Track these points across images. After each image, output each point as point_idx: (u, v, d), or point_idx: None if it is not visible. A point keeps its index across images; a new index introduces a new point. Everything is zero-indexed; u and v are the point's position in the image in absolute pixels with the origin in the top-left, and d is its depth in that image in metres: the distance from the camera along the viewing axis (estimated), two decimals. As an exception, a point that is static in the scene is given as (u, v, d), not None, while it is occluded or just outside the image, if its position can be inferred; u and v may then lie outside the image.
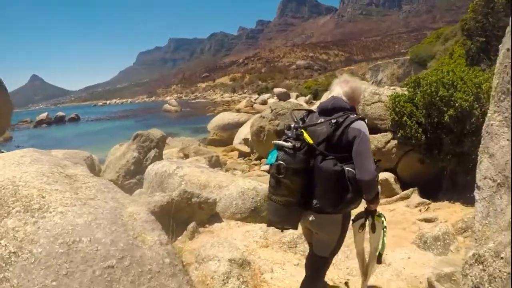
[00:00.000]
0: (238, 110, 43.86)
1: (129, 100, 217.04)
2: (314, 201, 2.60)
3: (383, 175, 9.49)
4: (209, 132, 27.02)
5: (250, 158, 19.39)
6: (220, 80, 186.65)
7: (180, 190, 5.58)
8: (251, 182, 7.10)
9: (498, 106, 2.26)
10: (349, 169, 2.51)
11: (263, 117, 17.17)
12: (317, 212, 2.63)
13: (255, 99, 63.27)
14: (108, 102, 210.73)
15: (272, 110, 16.96)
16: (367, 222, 2.97)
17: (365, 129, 2.59)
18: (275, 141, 2.65)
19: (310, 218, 2.67)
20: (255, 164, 17.73)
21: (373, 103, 10.27)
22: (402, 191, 9.19)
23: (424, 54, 39.26)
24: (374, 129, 9.88)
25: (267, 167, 15.16)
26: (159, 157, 12.33)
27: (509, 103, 2.13)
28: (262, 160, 17.02)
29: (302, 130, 2.66)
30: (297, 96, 51.33)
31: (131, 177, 11.71)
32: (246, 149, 20.37)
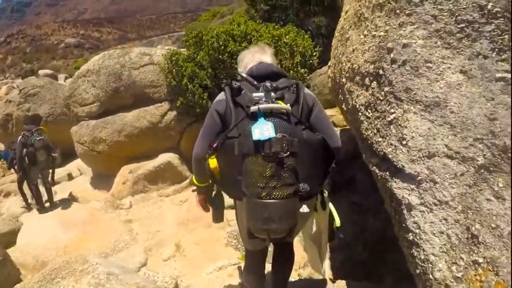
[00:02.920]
0: (-1, 99, 35.91)
1: None
2: (301, 185, 1.96)
3: (164, 157, 7.73)
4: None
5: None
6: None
7: None
8: None
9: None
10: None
11: (10, 101, 13.48)
12: (305, 199, 2.02)
13: (17, 85, 53.98)
14: None
15: (20, 91, 13.23)
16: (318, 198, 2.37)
17: None
18: (264, 105, 1.99)
19: (304, 209, 2.04)
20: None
21: (141, 66, 8.12)
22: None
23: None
24: (145, 100, 8.00)
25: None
26: None
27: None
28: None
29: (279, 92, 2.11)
30: (65, 78, 45.26)
31: None
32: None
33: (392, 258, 3.27)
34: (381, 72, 2.17)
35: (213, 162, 2.07)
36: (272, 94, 2.04)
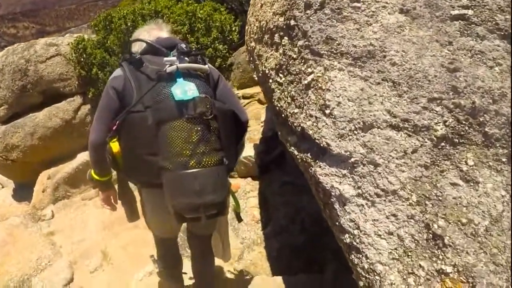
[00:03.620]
0: None
1: None
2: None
3: (83, 157, 6.92)
4: None
5: None
6: None
7: None
8: None
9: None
10: None
11: None
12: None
13: None
14: None
15: None
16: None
17: None
18: (183, 64, 1.83)
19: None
20: None
21: (48, 58, 7.23)
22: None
23: (121, 14, 39.09)
24: (55, 96, 7.15)
25: None
26: None
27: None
28: None
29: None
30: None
31: None
32: None
33: (332, 242, 2.92)
34: (292, 22, 1.62)
35: (115, 146, 1.85)
36: (186, 58, 1.87)
